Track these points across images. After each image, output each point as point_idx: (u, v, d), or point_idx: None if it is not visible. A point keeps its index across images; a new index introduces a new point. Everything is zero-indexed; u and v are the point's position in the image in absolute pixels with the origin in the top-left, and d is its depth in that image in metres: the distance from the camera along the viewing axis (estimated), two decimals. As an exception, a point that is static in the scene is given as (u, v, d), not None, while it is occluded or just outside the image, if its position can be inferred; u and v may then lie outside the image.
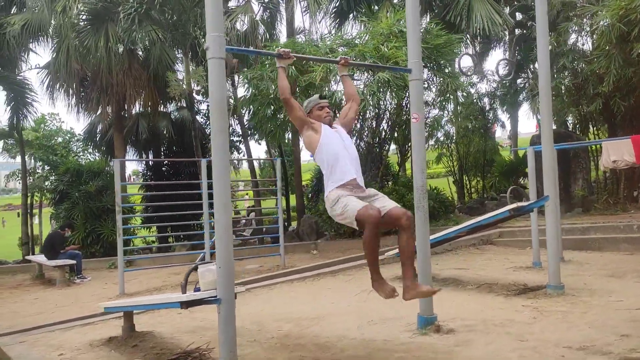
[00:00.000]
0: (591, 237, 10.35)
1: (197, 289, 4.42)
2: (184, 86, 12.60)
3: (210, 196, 11.66)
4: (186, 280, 4.56)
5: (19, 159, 19.99)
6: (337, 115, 5.31)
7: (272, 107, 11.85)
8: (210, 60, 4.10)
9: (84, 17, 12.89)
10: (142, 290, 9.58)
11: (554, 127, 16.52)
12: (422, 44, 11.02)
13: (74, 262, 11.50)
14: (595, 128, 15.61)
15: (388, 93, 11.52)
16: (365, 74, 11.76)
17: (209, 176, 12.04)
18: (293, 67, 10.98)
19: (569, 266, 8.30)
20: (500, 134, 38.42)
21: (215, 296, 3.86)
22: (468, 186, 20.83)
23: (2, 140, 22.74)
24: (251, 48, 12.25)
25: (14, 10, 15.60)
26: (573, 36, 14.24)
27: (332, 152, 4.21)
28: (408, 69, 5.60)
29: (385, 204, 4.04)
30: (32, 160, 22.52)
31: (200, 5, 11.43)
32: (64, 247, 12.09)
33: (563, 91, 14.49)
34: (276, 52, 4.55)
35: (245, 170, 21.16)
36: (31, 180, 21.98)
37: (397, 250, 8.57)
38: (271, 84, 11.01)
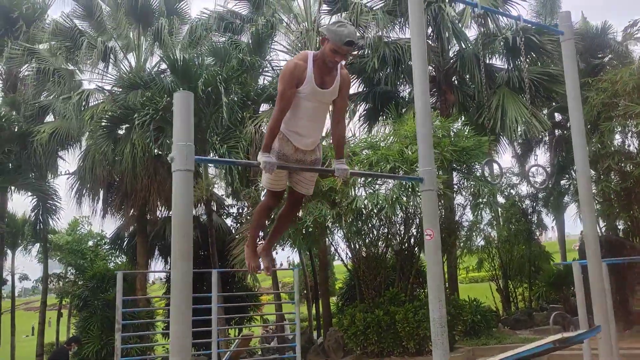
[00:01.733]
0: (658, 366, 8.86)
1: None
2: (205, 190, 12.27)
3: (221, 310, 10.90)
4: None
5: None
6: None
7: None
8: (174, 172, 3.51)
9: (105, 124, 13.02)
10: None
11: (605, 233, 15.28)
12: (450, 146, 10.54)
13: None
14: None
15: (414, 198, 10.75)
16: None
17: (221, 288, 11.16)
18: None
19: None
20: (551, 236, 36.61)
21: None
22: (514, 294, 19.31)
23: (38, 244, 22.89)
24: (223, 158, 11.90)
25: (48, 118, 16.14)
26: (617, 137, 13.42)
27: (303, 105, 3.66)
28: (419, 178, 4.82)
29: (304, 187, 4.00)
30: (62, 265, 22.42)
31: (220, 111, 11.33)
32: (67, 364, 11.29)
33: (612, 195, 13.45)
34: (257, 162, 3.90)
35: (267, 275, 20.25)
36: (61, 285, 21.78)
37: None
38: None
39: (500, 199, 18.95)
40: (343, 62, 3.76)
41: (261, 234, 4.74)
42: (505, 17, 14.49)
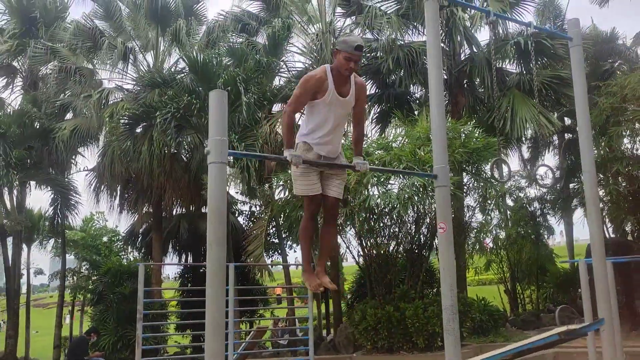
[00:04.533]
0: (662, 364, 9.06)
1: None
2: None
3: (236, 303, 11.19)
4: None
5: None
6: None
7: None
8: (210, 165, 3.83)
9: (126, 121, 13.39)
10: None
11: (612, 235, 15.46)
12: (460, 148, 10.81)
13: (96, 368, 11.03)
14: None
15: (426, 199, 11.02)
16: (401, 177, 11.39)
17: (236, 282, 11.47)
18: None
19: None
20: (560, 240, 36.57)
21: None
22: (521, 296, 19.47)
23: (53, 239, 23.32)
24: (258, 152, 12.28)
25: (68, 116, 16.54)
26: (625, 141, 13.60)
27: (322, 122, 3.97)
28: (433, 175, 5.13)
29: (333, 189, 4.11)
30: (77, 260, 22.80)
31: (237, 110, 11.66)
32: (88, 353, 11.68)
33: (620, 198, 13.63)
34: (283, 157, 4.23)
35: (279, 272, 20.58)
36: (75, 280, 22.15)
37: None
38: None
39: (509, 202, 19.20)
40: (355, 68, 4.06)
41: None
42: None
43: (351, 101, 4.05)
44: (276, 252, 18.74)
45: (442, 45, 14.93)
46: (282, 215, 13.31)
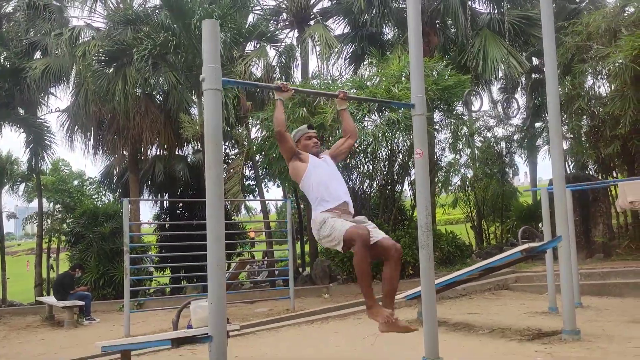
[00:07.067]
0: (611, 282, 9.93)
1: (189, 326, 4.28)
2: (197, 127, 12.69)
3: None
4: (177, 317, 4.42)
5: (35, 202, 20.19)
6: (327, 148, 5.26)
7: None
8: (206, 91, 4.11)
9: (101, 59, 13.21)
10: (149, 332, 9.36)
11: (574, 170, 16.26)
12: (433, 85, 11.16)
13: (82, 303, 11.38)
14: (616, 172, 15.26)
15: (399, 134, 11.44)
16: (374, 115, 11.73)
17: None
18: (304, 108, 11.01)
19: (587, 312, 7.93)
20: (524, 181, 37.78)
21: (206, 333, 3.69)
22: (487, 232, 20.41)
23: (24, 184, 23.12)
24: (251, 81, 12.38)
25: (37, 55, 16.13)
26: (589, 79, 14.13)
27: (320, 179, 4.18)
28: (411, 104, 5.53)
29: (376, 234, 3.92)
30: (50, 204, 22.70)
31: (214, 48, 11.62)
32: (74, 287, 12.00)
33: (581, 134, 14.30)
34: (274, 85, 4.55)
35: (259, 215, 21.03)
36: (49, 224, 22.13)
37: (407, 293, 8.35)
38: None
39: (477, 142, 19.80)
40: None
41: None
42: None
43: (331, 158, 4.54)
44: (252, 194, 19.08)
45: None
46: (259, 154, 13.60)
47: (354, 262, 3.75)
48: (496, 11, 15.26)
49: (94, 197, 23.42)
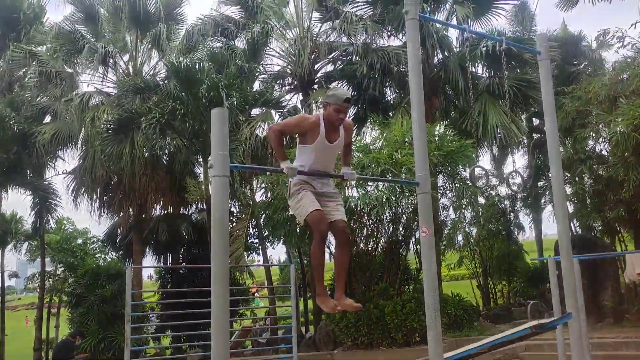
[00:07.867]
0: (623, 353, 9.68)
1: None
2: (202, 190, 12.80)
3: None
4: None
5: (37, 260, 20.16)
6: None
7: (287, 212, 11.85)
8: (214, 178, 4.15)
9: (110, 127, 13.50)
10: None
11: (580, 232, 16.14)
12: (436, 150, 11.27)
13: (81, 370, 11.17)
14: (620, 234, 15.18)
15: (403, 199, 11.47)
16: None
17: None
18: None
19: (600, 386, 7.70)
20: (529, 235, 37.50)
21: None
22: (493, 290, 20.12)
23: (27, 242, 23.13)
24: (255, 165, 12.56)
25: (47, 119, 16.46)
26: (590, 142, 14.25)
27: (316, 158, 4.29)
28: (416, 182, 5.55)
29: (335, 213, 4.25)
30: (53, 264, 22.62)
31: (220, 114, 11.86)
32: (73, 355, 11.79)
33: (586, 197, 14.31)
34: (281, 169, 4.55)
35: (260, 271, 20.82)
36: (50, 283, 21.97)
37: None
38: (285, 189, 11.11)
39: (481, 200, 19.79)
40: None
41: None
42: (487, 28, 15.31)
43: (340, 144, 4.51)
44: (255, 253, 18.99)
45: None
46: (263, 216, 13.60)
47: (310, 250, 4.17)
48: (495, 76, 15.56)
49: (97, 255, 23.35)
